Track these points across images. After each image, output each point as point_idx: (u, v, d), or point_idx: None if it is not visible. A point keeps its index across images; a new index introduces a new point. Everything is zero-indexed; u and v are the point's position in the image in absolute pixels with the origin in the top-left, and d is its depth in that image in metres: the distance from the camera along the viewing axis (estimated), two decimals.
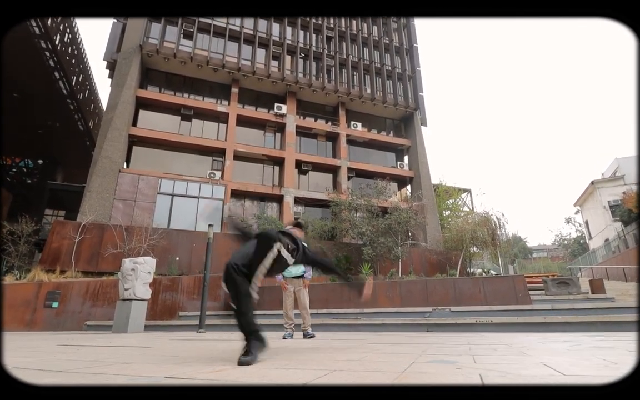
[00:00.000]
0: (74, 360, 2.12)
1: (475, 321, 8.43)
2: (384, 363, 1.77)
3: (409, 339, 4.39)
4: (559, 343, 3.15)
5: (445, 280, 12.43)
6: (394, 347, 3.00)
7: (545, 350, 2.40)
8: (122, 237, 14.24)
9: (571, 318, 8.01)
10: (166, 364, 1.71)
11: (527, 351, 2.26)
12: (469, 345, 2.94)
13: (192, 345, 3.14)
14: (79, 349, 3.03)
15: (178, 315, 12.47)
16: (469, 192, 29.47)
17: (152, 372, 1.32)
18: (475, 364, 1.56)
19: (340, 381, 1.10)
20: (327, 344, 3.86)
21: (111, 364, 1.76)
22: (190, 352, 2.69)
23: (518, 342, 3.24)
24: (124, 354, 2.44)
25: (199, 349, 3.10)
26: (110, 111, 17.38)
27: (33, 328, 10.99)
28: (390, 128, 25.66)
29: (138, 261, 9.23)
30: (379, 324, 9.02)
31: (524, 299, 11.03)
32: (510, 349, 2.43)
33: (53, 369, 1.69)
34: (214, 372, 1.34)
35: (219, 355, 2.52)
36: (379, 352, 2.37)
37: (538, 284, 14.44)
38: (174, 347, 2.81)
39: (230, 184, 18.89)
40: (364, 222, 16.98)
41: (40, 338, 6.00)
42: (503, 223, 18.59)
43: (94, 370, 1.52)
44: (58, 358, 2.39)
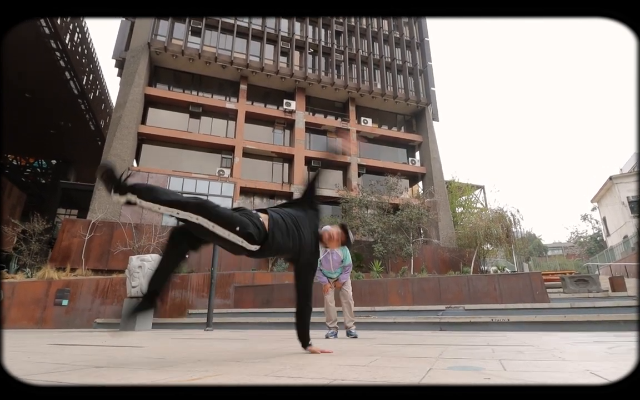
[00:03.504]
0: (43, 362, 1.93)
1: (491, 320, 8.09)
2: (395, 369, 1.53)
3: (423, 338, 4.11)
4: (589, 344, 2.85)
5: (459, 277, 12.06)
6: (407, 349, 2.74)
7: (580, 353, 2.11)
8: (131, 235, 14.23)
9: (593, 317, 7.61)
10: (141, 370, 1.50)
11: (559, 354, 1.98)
12: (490, 346, 2.66)
13: (189, 344, 2.94)
14: (64, 349, 2.86)
15: (187, 313, 12.38)
16: (482, 189, 28.83)
17: (116, 379, 1.11)
18: (506, 372, 1.31)
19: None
20: (331, 344, 3.62)
21: (79, 369, 1.56)
22: (181, 354, 2.48)
23: (544, 343, 2.95)
24: (104, 356, 2.25)
25: (192, 349, 2.90)
26: (119, 109, 17.42)
27: (43, 326, 11.02)
28: (401, 124, 25.23)
29: (145, 258, 9.14)
30: (390, 322, 8.75)
31: (541, 297, 10.60)
32: (540, 352, 2.15)
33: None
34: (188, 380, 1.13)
35: (209, 357, 2.30)
36: (389, 356, 2.12)
37: (555, 281, 13.95)
38: (167, 348, 2.61)
39: (240, 182, 18.78)
40: (375, 219, 16.67)
41: (41, 335, 5.91)
42: (518, 219, 18.11)
43: (50, 377, 1.33)
44: (32, 358, 2.21)
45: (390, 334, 5.88)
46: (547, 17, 1.31)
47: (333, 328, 4.60)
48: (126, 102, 17.34)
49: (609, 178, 27.66)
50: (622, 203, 26.93)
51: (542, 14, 1.30)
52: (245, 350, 2.27)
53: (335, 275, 4.73)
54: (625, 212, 26.37)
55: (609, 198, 28.82)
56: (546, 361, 1.64)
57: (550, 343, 2.92)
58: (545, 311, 8.82)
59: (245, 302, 12.40)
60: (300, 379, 1.24)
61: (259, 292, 12.12)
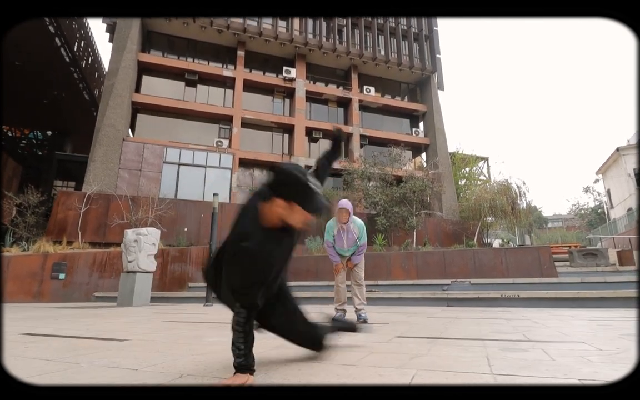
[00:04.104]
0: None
1: (500, 296, 7.83)
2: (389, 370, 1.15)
3: (443, 325, 3.77)
4: (616, 338, 2.48)
5: (464, 251, 11.79)
6: (438, 349, 2.37)
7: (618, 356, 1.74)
8: (128, 208, 13.86)
9: (607, 293, 7.33)
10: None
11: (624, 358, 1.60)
12: (530, 342, 2.29)
13: (178, 333, 2.60)
14: (31, 342, 2.50)
15: (187, 286, 12.21)
16: (486, 161, 28.25)
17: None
18: None
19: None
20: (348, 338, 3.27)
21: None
22: (165, 354, 2.12)
23: (595, 336, 2.57)
24: (79, 355, 1.88)
25: (180, 344, 2.56)
26: (112, 77, 16.66)
27: (41, 300, 10.83)
28: (405, 93, 24.37)
29: (141, 232, 8.79)
30: (395, 297, 8.51)
31: (549, 272, 10.35)
32: (613, 361, 1.76)
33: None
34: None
35: (189, 363, 1.96)
36: (426, 366, 1.73)
37: (562, 255, 13.69)
38: (151, 341, 2.25)
39: (239, 153, 18.24)
40: (378, 191, 16.28)
41: (30, 313, 5.62)
42: (524, 191, 17.73)
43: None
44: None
45: (399, 312, 5.58)
46: (547, 17, 1.32)
47: (341, 311, 4.26)
48: (118, 69, 16.55)
49: (615, 150, 27.02)
50: (627, 175, 26.42)
51: (542, 14, 1.31)
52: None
53: (349, 253, 4.32)
54: (630, 185, 25.91)
55: (615, 170, 28.29)
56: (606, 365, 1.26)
57: (600, 336, 2.54)
58: (556, 286, 8.57)
59: None
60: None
61: None
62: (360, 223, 4.27)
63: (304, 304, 1.69)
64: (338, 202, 4.22)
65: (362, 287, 4.34)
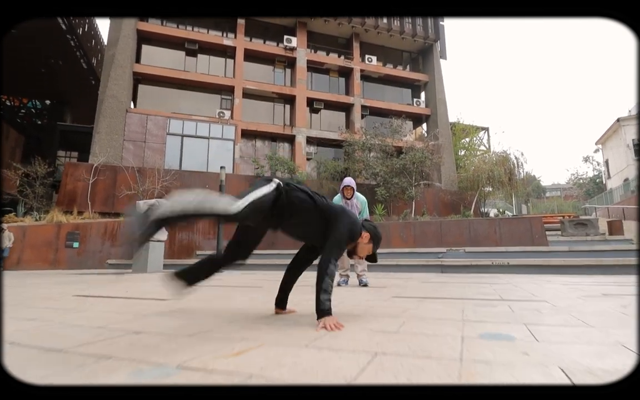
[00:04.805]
0: (91, 325, 2.01)
1: (491, 263, 8.36)
2: (428, 337, 1.56)
3: (434, 289, 4.27)
4: (599, 299, 2.95)
5: (460, 221, 12.28)
6: (426, 306, 2.85)
7: (598, 314, 2.19)
8: (135, 179, 14.24)
9: (591, 261, 7.85)
10: (179, 339, 1.56)
11: (578, 315, 2.06)
12: (504, 301, 2.76)
13: (205, 297, 3.05)
14: (95, 303, 2.96)
15: (195, 254, 12.78)
16: (486, 131, 28.33)
17: (165, 359, 1.17)
18: (539, 344, 1.36)
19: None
20: (349, 295, 3.75)
21: (118, 336, 1.62)
22: (207, 307, 2.59)
23: (554, 296, 3.05)
24: (136, 314, 2.33)
25: (213, 302, 3.02)
26: (112, 47, 16.57)
27: (57, 267, 11.41)
28: (407, 62, 24.16)
29: (153, 203, 9.20)
30: (393, 264, 9.05)
31: (540, 241, 10.87)
32: (557, 312, 2.23)
33: (63, 347, 1.59)
34: (234, 357, 1.18)
35: (236, 312, 2.41)
36: (414, 317, 2.16)
37: (554, 224, 14.20)
38: (188, 304, 2.70)
39: (241, 124, 18.40)
40: (378, 163, 16.60)
41: (59, 279, 6.13)
42: (522, 162, 18.07)
43: (106, 347, 1.38)
44: (77, 316, 2.31)
45: (396, 278, 6.10)
46: (546, 17, 1.32)
47: (344, 276, 4.76)
48: (118, 38, 16.43)
49: (616, 120, 27.09)
50: (626, 146, 26.62)
51: (542, 14, 1.31)
52: (269, 307, 2.36)
53: None
54: (628, 155, 26.19)
55: (614, 140, 28.46)
56: (571, 327, 1.70)
57: (561, 297, 3.02)
58: (544, 255, 9.08)
59: None
60: (339, 350, 1.30)
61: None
62: (363, 199, 4.76)
63: (311, 270, 2.12)
64: (343, 179, 4.69)
65: (365, 262, 4.83)
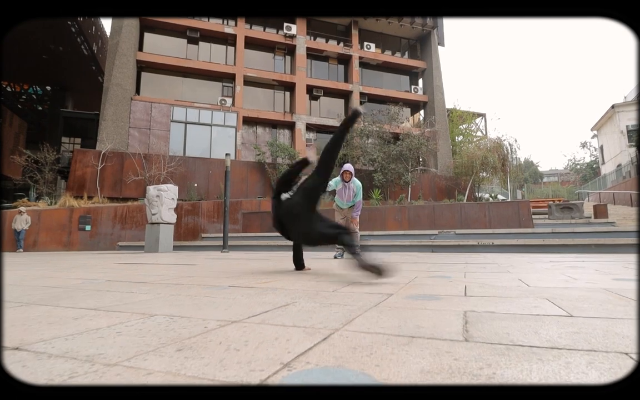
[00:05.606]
0: (151, 274, 2.64)
1: (477, 243, 9.04)
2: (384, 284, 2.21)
3: (415, 258, 4.92)
4: (544, 263, 3.61)
5: (453, 205, 12.93)
6: (401, 266, 3.51)
7: (528, 269, 2.85)
8: (141, 165, 14.83)
9: (568, 241, 8.53)
10: (222, 278, 2.20)
11: (511, 269, 2.71)
12: (465, 264, 3.42)
13: (228, 263, 3.69)
14: (137, 267, 3.61)
15: (200, 237, 13.46)
16: (483, 117, 28.78)
17: (219, 282, 1.80)
18: (465, 279, 1.99)
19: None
20: (342, 266, 4.37)
21: (181, 277, 2.26)
22: (232, 268, 3.24)
23: (509, 262, 3.72)
24: (179, 271, 2.98)
25: (235, 266, 3.67)
26: (115, 35, 16.93)
27: (71, 248, 12.09)
28: (405, 49, 24.47)
29: (162, 189, 9.84)
30: (388, 245, 9.73)
31: (526, 223, 11.54)
32: (499, 268, 2.89)
33: (145, 281, 2.20)
34: (264, 283, 1.81)
35: (257, 270, 3.05)
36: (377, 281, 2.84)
37: (544, 208, 14.86)
38: (215, 265, 3.35)
39: (242, 111, 18.88)
40: (376, 149, 17.16)
41: (89, 257, 6.80)
42: (515, 149, 18.63)
43: (176, 281, 2.02)
44: (135, 272, 2.94)
45: (387, 255, 6.78)
46: (546, 17, 1.30)
47: (340, 249, 5.46)
48: (122, 27, 16.78)
49: (611, 106, 27.54)
50: (620, 132, 27.13)
51: (541, 14, 1.30)
52: (279, 268, 3.01)
53: (346, 206, 5.51)
54: (622, 141, 26.71)
55: (609, 127, 28.94)
56: (496, 273, 2.34)
57: (513, 262, 3.69)
58: (528, 235, 9.77)
59: (253, 227, 13.42)
60: (332, 276, 1.93)
61: (265, 218, 13.03)
62: (359, 183, 5.48)
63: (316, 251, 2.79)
64: (343, 164, 5.43)
65: (357, 233, 5.52)
